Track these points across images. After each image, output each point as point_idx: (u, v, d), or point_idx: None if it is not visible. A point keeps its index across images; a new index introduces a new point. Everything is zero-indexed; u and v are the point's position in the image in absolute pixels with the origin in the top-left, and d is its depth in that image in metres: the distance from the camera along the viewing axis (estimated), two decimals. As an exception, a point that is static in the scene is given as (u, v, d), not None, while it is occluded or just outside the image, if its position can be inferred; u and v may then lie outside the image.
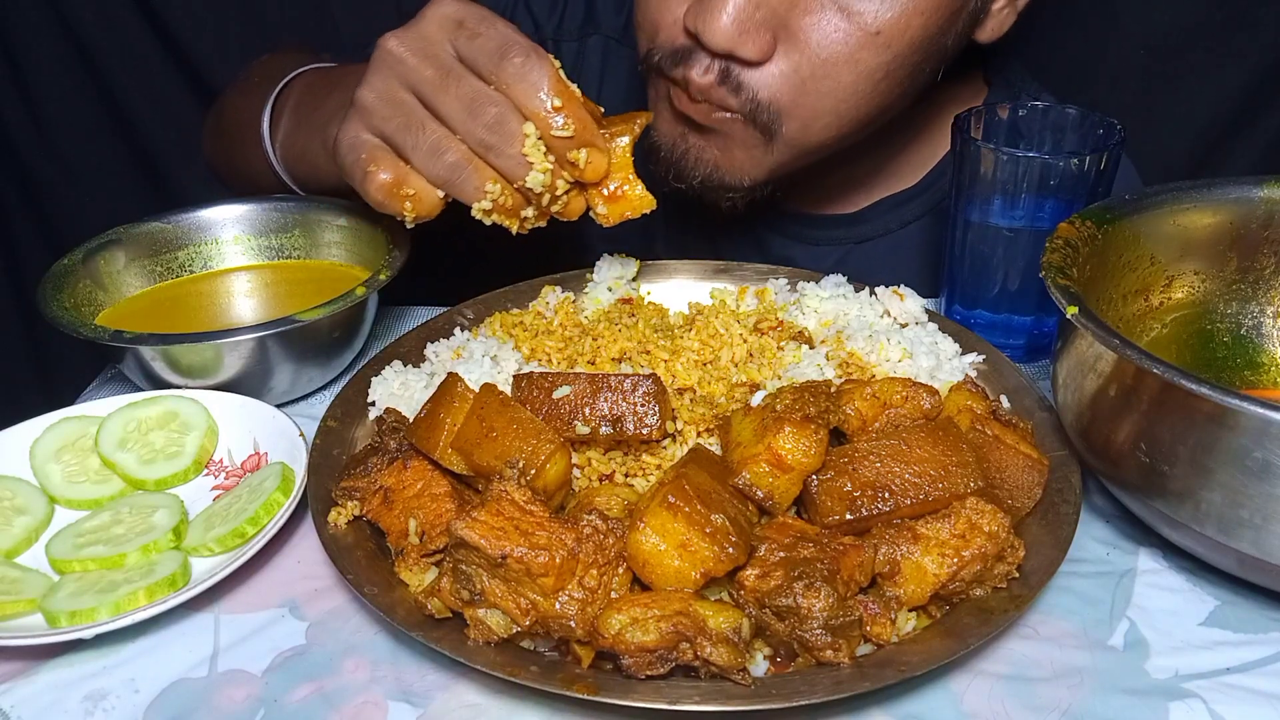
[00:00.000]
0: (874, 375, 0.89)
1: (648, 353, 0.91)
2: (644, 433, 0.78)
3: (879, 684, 0.64)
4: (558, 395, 0.79)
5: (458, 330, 1.00)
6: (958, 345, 0.95)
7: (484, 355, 0.91)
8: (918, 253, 1.25)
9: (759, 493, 0.73)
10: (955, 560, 0.69)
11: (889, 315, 0.99)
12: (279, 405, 0.94)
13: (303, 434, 0.88)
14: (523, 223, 0.87)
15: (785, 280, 1.05)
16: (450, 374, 0.82)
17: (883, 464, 0.73)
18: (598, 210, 0.89)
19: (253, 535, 0.78)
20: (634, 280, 1.07)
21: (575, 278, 1.07)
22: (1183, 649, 0.73)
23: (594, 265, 1.07)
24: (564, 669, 0.66)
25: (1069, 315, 0.74)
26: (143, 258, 1.10)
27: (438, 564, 0.74)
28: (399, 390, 0.91)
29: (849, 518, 0.72)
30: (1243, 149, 1.72)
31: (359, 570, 0.73)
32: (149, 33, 1.93)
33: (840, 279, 1.02)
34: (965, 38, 1.06)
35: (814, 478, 0.73)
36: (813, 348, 0.93)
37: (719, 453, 0.79)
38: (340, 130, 0.87)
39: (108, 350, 0.96)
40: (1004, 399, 0.89)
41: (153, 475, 0.88)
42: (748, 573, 0.68)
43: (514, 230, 0.88)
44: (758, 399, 0.79)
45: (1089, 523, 0.84)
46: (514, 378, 0.82)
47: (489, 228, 0.87)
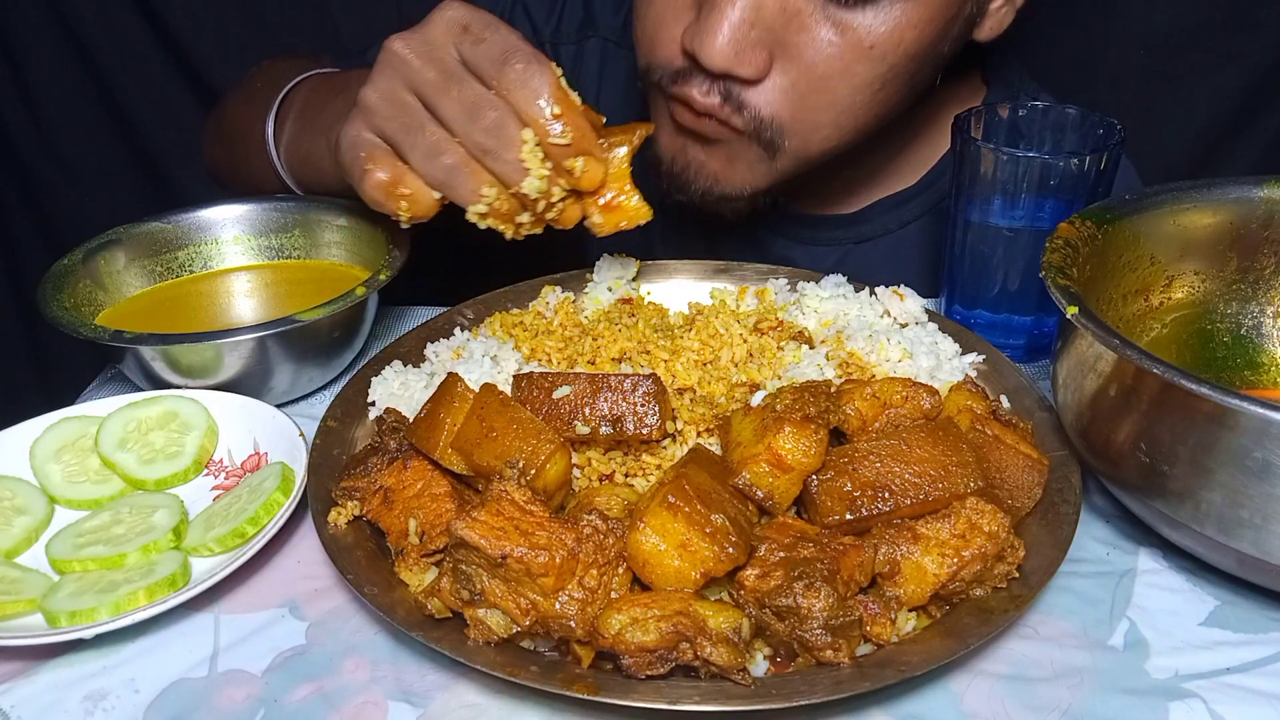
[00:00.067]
0: (874, 375, 0.89)
1: (648, 353, 0.91)
2: (644, 433, 0.78)
3: (879, 684, 0.64)
4: (558, 395, 0.79)
5: (458, 330, 1.00)
6: (958, 345, 0.95)
7: (484, 355, 0.91)
8: (917, 253, 1.25)
9: (759, 493, 0.72)
10: (955, 560, 0.69)
11: (889, 315, 0.99)
12: (279, 405, 0.94)
13: (303, 434, 0.88)
14: (518, 228, 0.88)
15: (785, 280, 1.05)
16: (450, 374, 0.82)
17: (883, 464, 0.73)
18: (593, 219, 0.90)
19: (253, 535, 0.78)
20: (634, 280, 1.07)
21: (575, 278, 1.07)
22: (1183, 649, 0.73)
23: (594, 265, 1.07)
24: (564, 669, 0.66)
25: (1069, 315, 0.74)
26: (143, 258, 1.10)
27: (438, 564, 0.74)
28: (399, 390, 0.91)
29: (849, 518, 0.72)
30: (1243, 149, 1.72)
31: (359, 570, 0.73)
32: (149, 33, 1.93)
33: (840, 279, 1.02)
34: (962, 42, 1.07)
35: (814, 478, 0.73)
36: (813, 348, 0.93)
37: (719, 453, 0.79)
38: (343, 129, 0.88)
39: (108, 350, 0.96)
40: (1004, 399, 0.89)
41: (153, 475, 0.88)
42: (748, 573, 0.68)
43: (509, 235, 0.88)
44: (758, 399, 0.79)
45: (1089, 523, 0.84)
46: (514, 378, 0.82)
47: (488, 229, 0.87)
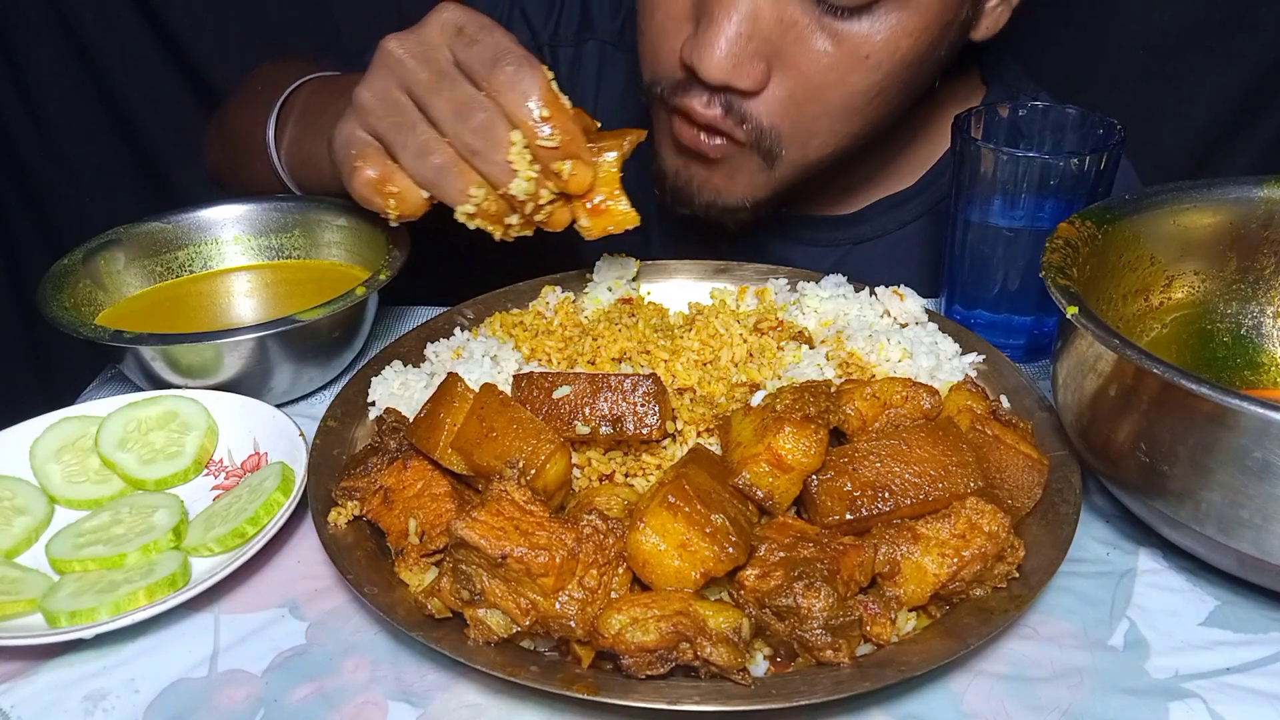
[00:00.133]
0: (874, 375, 0.89)
1: (648, 353, 0.91)
2: (644, 433, 0.78)
3: (879, 684, 0.64)
4: (558, 395, 0.79)
5: (458, 330, 1.00)
6: (958, 345, 0.95)
7: (484, 355, 0.91)
8: (916, 253, 1.25)
9: (759, 493, 0.72)
10: (955, 560, 0.69)
11: (889, 315, 0.99)
12: (279, 405, 0.94)
13: (303, 434, 0.88)
14: (507, 229, 0.88)
15: (785, 280, 1.05)
16: (450, 374, 0.82)
17: (883, 464, 0.73)
18: (581, 223, 0.90)
19: (253, 535, 0.78)
20: (634, 280, 1.07)
21: (575, 278, 1.07)
22: (1183, 649, 0.73)
23: (594, 265, 1.07)
24: (564, 669, 0.66)
25: (1069, 315, 0.74)
26: (143, 258, 1.10)
27: (438, 564, 0.74)
28: (399, 390, 0.91)
29: (849, 518, 0.72)
30: (1243, 149, 1.72)
31: (359, 570, 0.73)
32: (149, 33, 1.94)
33: (840, 279, 1.02)
34: (959, 46, 1.07)
35: (814, 478, 0.73)
36: (813, 348, 0.93)
37: (719, 453, 0.79)
38: (337, 126, 0.89)
39: (108, 350, 0.96)
40: (1004, 399, 0.89)
41: (153, 475, 0.88)
42: (748, 573, 0.68)
43: (497, 236, 0.89)
44: (758, 399, 0.79)
45: (1089, 523, 0.84)
46: (514, 378, 0.82)
47: (477, 230, 0.88)
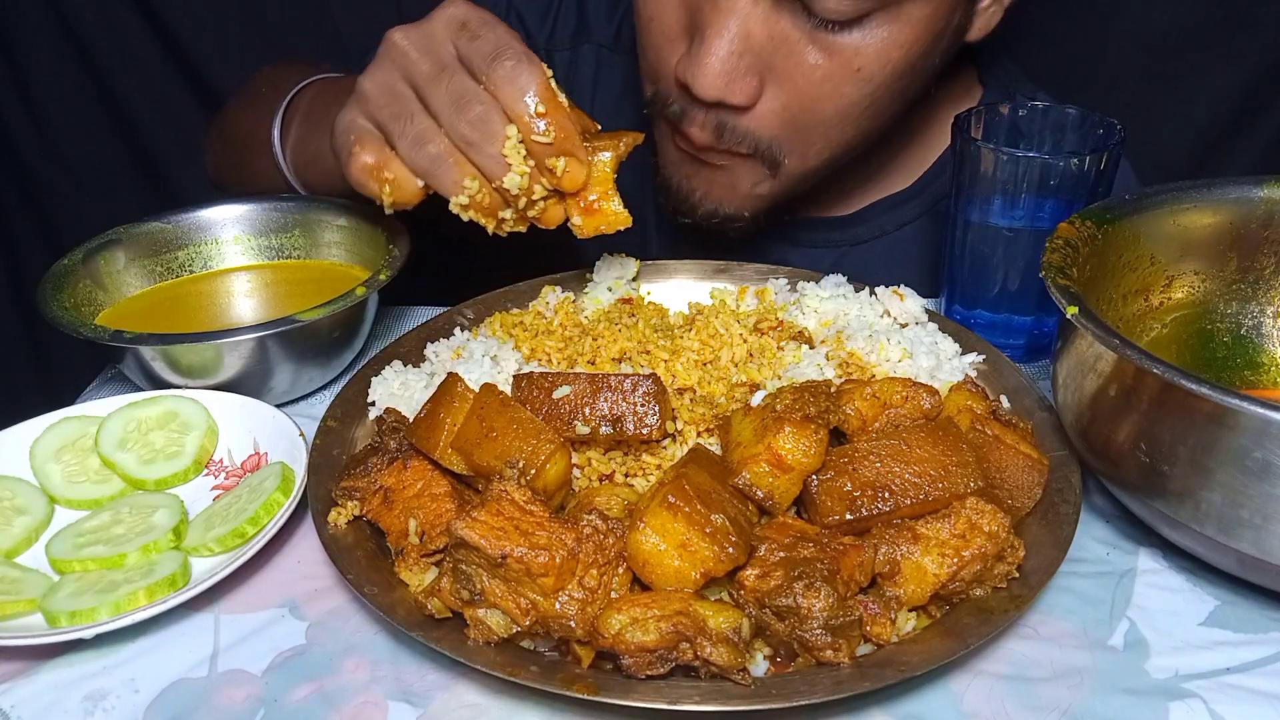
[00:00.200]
0: (874, 375, 0.89)
1: (648, 353, 0.91)
2: (644, 433, 0.78)
3: (879, 684, 0.64)
4: (558, 395, 0.79)
5: (458, 330, 1.00)
6: (958, 345, 0.95)
7: (484, 355, 0.91)
8: (914, 254, 1.25)
9: (759, 493, 0.72)
10: (955, 560, 0.69)
11: (889, 315, 0.99)
12: (279, 405, 0.94)
13: (303, 434, 0.88)
14: (500, 224, 0.88)
15: (785, 280, 1.05)
16: (450, 374, 0.82)
17: (883, 464, 0.73)
18: (573, 221, 0.90)
19: (253, 535, 0.78)
20: (634, 280, 1.07)
21: (575, 278, 1.07)
22: (1183, 649, 0.73)
23: (594, 265, 1.07)
24: (564, 669, 0.66)
25: (1069, 315, 0.74)
26: (143, 258, 1.10)
27: (438, 564, 0.74)
28: (399, 390, 0.91)
29: (849, 518, 0.72)
30: (1243, 149, 1.72)
31: (359, 570, 0.73)
32: (149, 33, 1.94)
33: (840, 279, 1.02)
34: (953, 52, 1.07)
35: (814, 478, 0.73)
36: (813, 348, 0.93)
37: (719, 453, 0.79)
38: (339, 114, 0.90)
39: (108, 350, 0.96)
40: (1004, 399, 0.89)
41: (153, 475, 0.88)
42: (748, 573, 0.68)
43: (490, 230, 0.89)
44: (758, 399, 0.79)
45: (1089, 523, 0.84)
46: (514, 378, 0.82)
47: (470, 222, 0.88)
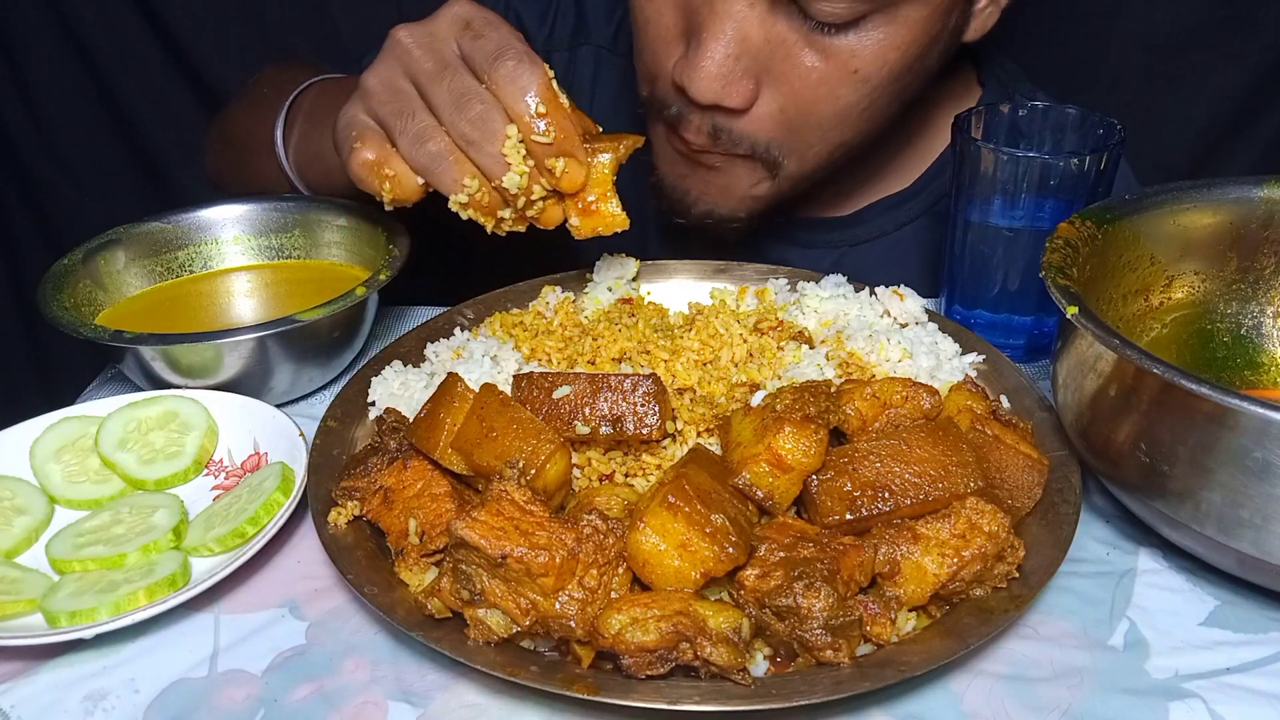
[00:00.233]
0: (874, 375, 0.89)
1: (648, 353, 0.91)
2: (644, 433, 0.78)
3: (879, 684, 0.64)
4: (558, 395, 0.79)
5: (458, 330, 1.00)
6: (958, 345, 0.95)
7: (484, 355, 0.91)
8: (913, 254, 1.25)
9: (759, 493, 0.72)
10: (955, 560, 0.69)
11: (889, 315, 0.99)
12: (279, 405, 0.94)
13: (303, 434, 0.88)
14: (499, 223, 0.89)
15: (785, 280, 1.05)
16: (450, 374, 0.82)
17: (883, 464, 0.73)
18: (572, 221, 0.90)
19: (253, 535, 0.78)
20: (634, 280, 1.07)
21: (575, 278, 1.07)
22: (1183, 649, 0.73)
23: (594, 265, 1.07)
24: (564, 669, 0.66)
25: (1069, 315, 0.74)
26: (143, 258, 1.10)
27: (438, 564, 0.74)
28: (399, 390, 0.91)
29: (849, 518, 0.72)
30: (1243, 149, 1.72)
31: (359, 570, 0.73)
32: (149, 33, 1.93)
33: (840, 279, 1.02)
34: (950, 52, 1.07)
35: (814, 478, 0.73)
36: (813, 348, 0.93)
37: (719, 453, 0.79)
38: (342, 110, 0.90)
39: (108, 350, 0.96)
40: (1004, 399, 0.89)
41: (153, 475, 0.88)
42: (748, 573, 0.68)
43: (489, 229, 0.89)
44: (758, 399, 0.79)
45: (1089, 523, 0.84)
46: (514, 378, 0.82)
47: (469, 221, 0.88)
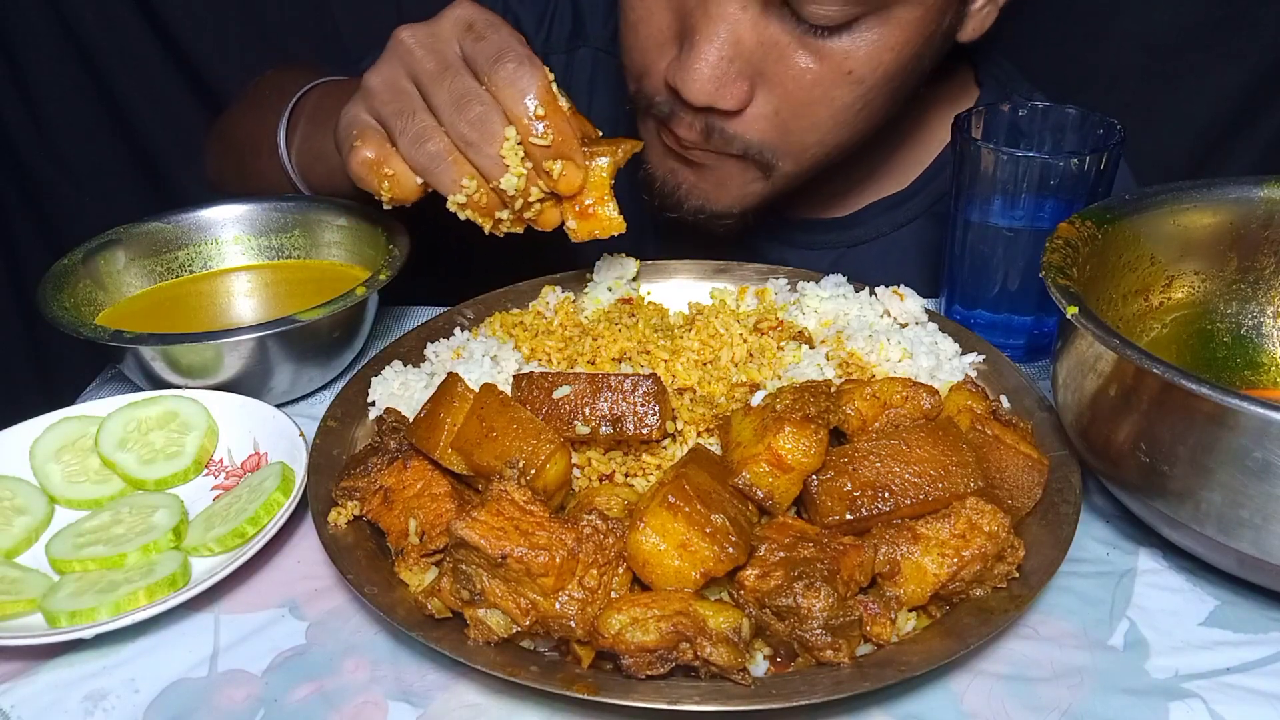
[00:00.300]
0: (874, 375, 0.89)
1: (648, 353, 0.91)
2: (644, 433, 0.78)
3: (879, 684, 0.64)
4: (558, 395, 0.79)
5: (458, 330, 1.00)
6: (958, 345, 0.95)
7: (484, 355, 0.91)
8: (911, 255, 1.25)
9: (759, 493, 0.72)
10: (955, 560, 0.69)
11: (889, 315, 0.99)
12: (279, 405, 0.94)
13: (303, 434, 0.88)
14: (496, 224, 0.89)
15: (785, 280, 1.05)
16: (450, 374, 0.82)
17: (883, 464, 0.73)
18: (569, 224, 0.90)
19: (253, 535, 0.78)
20: (634, 280, 1.07)
21: (575, 278, 1.07)
22: (1183, 649, 0.73)
23: (594, 265, 1.07)
24: (564, 669, 0.66)
25: (1069, 315, 0.74)
26: (143, 258, 1.10)
27: (438, 564, 0.74)
28: (399, 390, 0.91)
29: (849, 518, 0.72)
30: (1243, 149, 1.72)
31: (359, 570, 0.73)
32: (149, 33, 1.93)
33: (840, 279, 1.02)
34: (944, 52, 1.07)
35: (814, 478, 0.73)
36: (813, 348, 0.93)
37: (719, 453, 0.79)
38: (343, 109, 0.91)
39: (108, 350, 0.96)
40: (1004, 399, 0.89)
41: (153, 475, 0.88)
42: (748, 573, 0.68)
43: (486, 230, 0.89)
44: (758, 399, 0.79)
45: (1089, 523, 0.84)
46: (514, 378, 0.82)
47: (467, 221, 0.88)
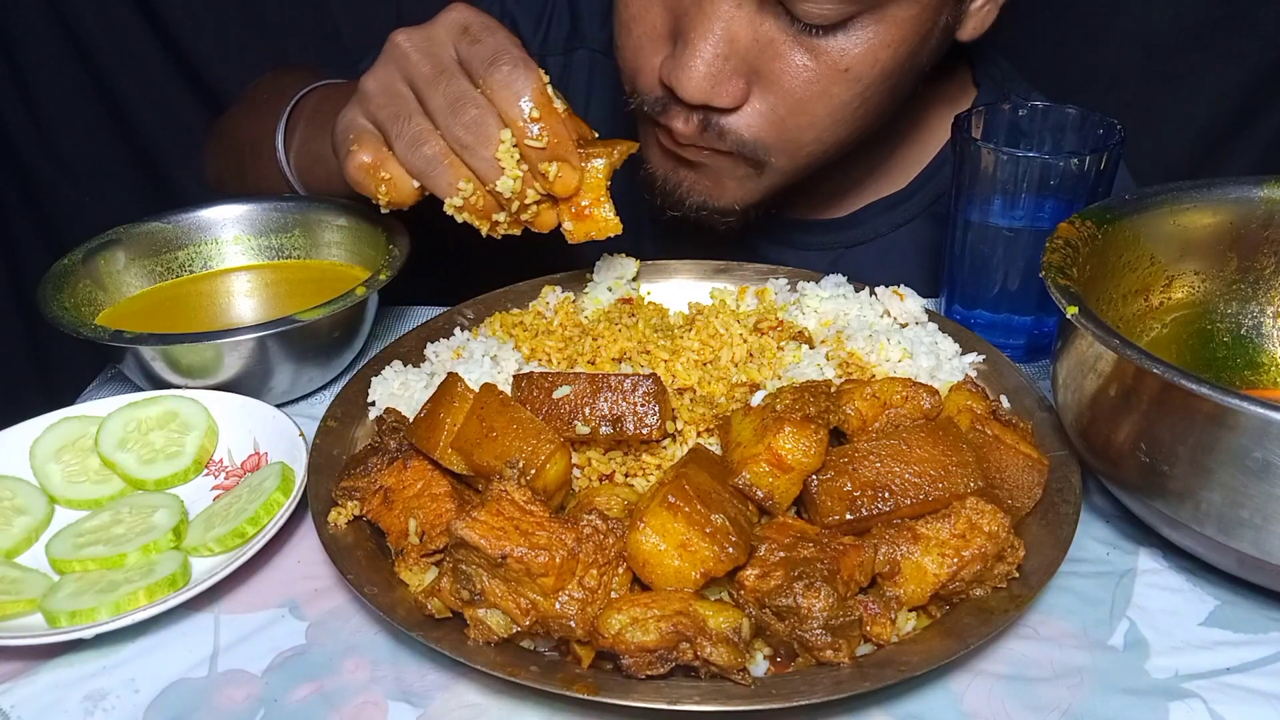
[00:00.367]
0: (874, 375, 0.89)
1: (648, 353, 0.91)
2: (644, 433, 0.78)
3: (879, 684, 0.64)
4: (558, 395, 0.79)
5: (458, 330, 1.00)
6: (958, 345, 0.95)
7: (484, 355, 0.91)
8: (909, 255, 1.25)
9: (759, 493, 0.72)
10: (955, 560, 0.69)
11: (889, 315, 0.99)
12: (279, 405, 0.94)
13: (303, 434, 0.88)
14: (494, 226, 0.89)
15: (785, 280, 1.05)
16: (450, 374, 0.82)
17: (883, 464, 0.73)
18: (565, 226, 0.91)
19: (253, 535, 0.78)
20: (634, 280, 1.07)
21: (575, 278, 1.07)
22: (1183, 649, 0.73)
23: (594, 265, 1.07)
24: (564, 669, 0.66)
25: (1069, 315, 0.74)
26: (143, 258, 1.10)
27: (438, 564, 0.74)
28: (399, 390, 0.91)
29: (849, 518, 0.72)
30: (1243, 149, 1.72)
31: (359, 570, 0.73)
32: (149, 33, 1.93)
33: (840, 279, 1.02)
34: (943, 50, 1.07)
35: (814, 478, 0.73)
36: (813, 348, 0.93)
37: (719, 453, 0.79)
38: (340, 113, 0.91)
39: (108, 350, 0.96)
40: (1004, 399, 0.89)
41: (153, 475, 0.88)
42: (748, 573, 0.68)
43: (484, 232, 0.90)
44: (758, 399, 0.79)
45: (1089, 523, 0.84)
46: (514, 378, 0.82)
47: (464, 224, 0.88)
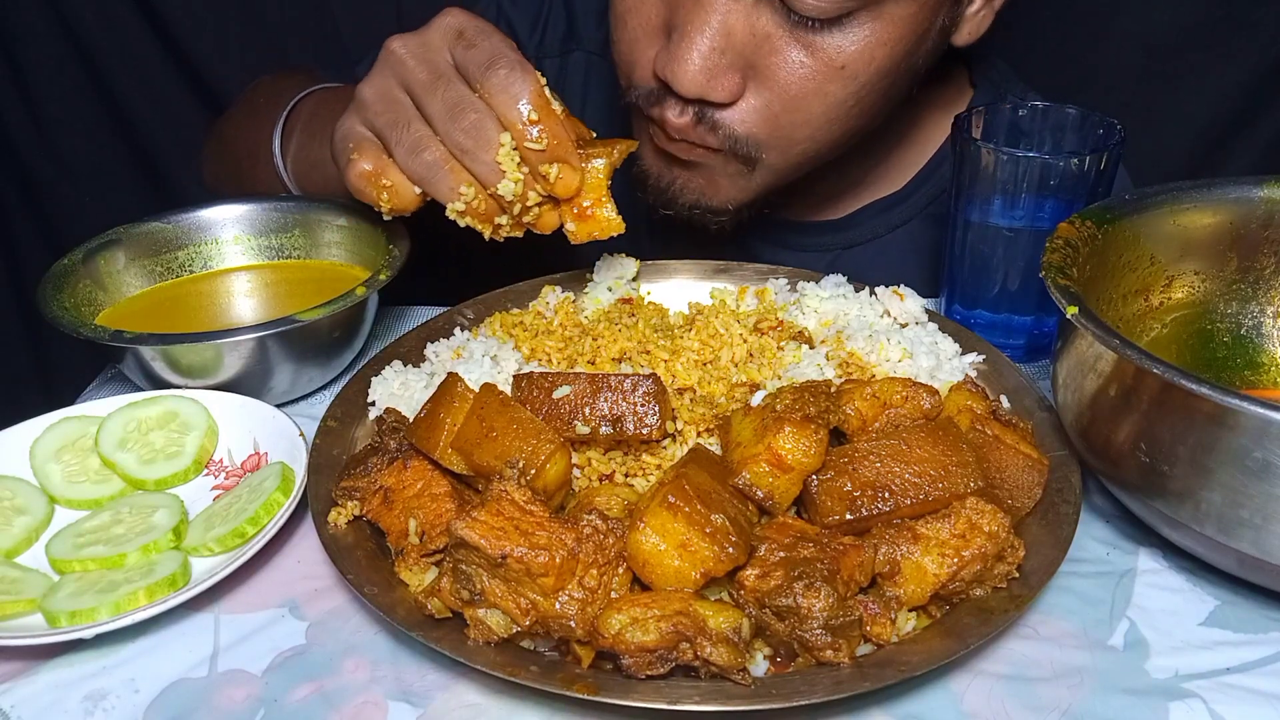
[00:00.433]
0: (874, 375, 0.89)
1: (648, 353, 0.91)
2: (644, 433, 0.78)
3: (879, 684, 0.64)
4: (558, 395, 0.79)
5: (458, 330, 1.00)
6: (958, 345, 0.95)
7: (484, 355, 0.91)
8: (906, 256, 1.25)
9: (759, 493, 0.72)
10: (955, 560, 0.69)
11: (889, 315, 0.99)
12: (279, 405, 0.94)
13: (303, 434, 0.88)
14: (496, 229, 0.89)
15: (785, 280, 1.05)
16: (450, 374, 0.82)
17: (883, 464, 0.73)
18: (567, 227, 0.91)
19: (253, 535, 0.78)
20: (634, 280, 1.07)
21: (575, 278, 1.07)
22: (1183, 649, 0.73)
23: (594, 265, 1.07)
24: (564, 669, 0.66)
25: (1069, 315, 0.74)
26: (143, 258, 1.10)
27: (438, 564, 0.74)
28: (399, 390, 0.92)
29: (849, 518, 0.72)
30: (1243, 149, 1.72)
31: (359, 570, 0.73)
32: (149, 33, 1.94)
33: (840, 279, 1.02)
34: (939, 51, 1.07)
35: (814, 478, 0.73)
36: (813, 348, 0.93)
37: (719, 453, 0.79)
38: (338, 121, 0.91)
39: (108, 350, 0.96)
40: (1004, 399, 0.89)
41: (153, 475, 0.88)
42: (748, 573, 0.68)
43: (487, 235, 0.90)
44: (758, 399, 0.79)
45: (1089, 523, 0.84)
46: (514, 378, 0.82)
47: (467, 228, 0.89)
